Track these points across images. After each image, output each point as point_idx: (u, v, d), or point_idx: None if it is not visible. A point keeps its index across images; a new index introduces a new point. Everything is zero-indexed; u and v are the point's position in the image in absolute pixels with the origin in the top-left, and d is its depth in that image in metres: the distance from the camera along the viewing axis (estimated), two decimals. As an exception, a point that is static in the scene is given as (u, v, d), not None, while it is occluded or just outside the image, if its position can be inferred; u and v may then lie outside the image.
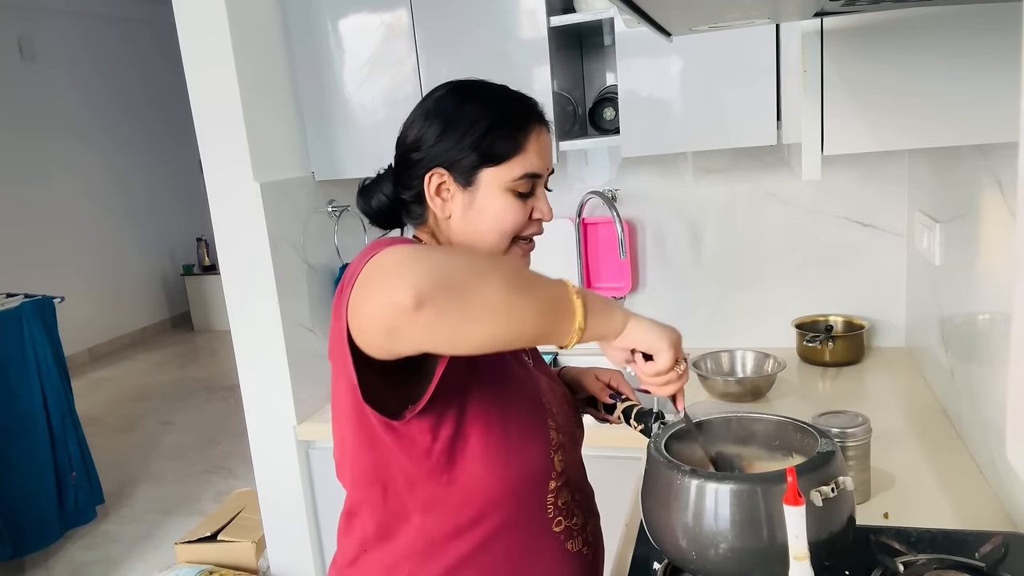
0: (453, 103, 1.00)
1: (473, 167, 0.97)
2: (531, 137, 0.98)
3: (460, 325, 0.74)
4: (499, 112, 0.98)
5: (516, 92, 1.03)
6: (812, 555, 0.75)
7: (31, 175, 5.58)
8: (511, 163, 0.97)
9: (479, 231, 0.99)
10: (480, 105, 0.99)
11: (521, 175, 0.97)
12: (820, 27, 1.06)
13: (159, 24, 5.59)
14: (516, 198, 0.98)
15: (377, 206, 1.04)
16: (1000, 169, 1.23)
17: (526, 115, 0.99)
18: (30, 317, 2.99)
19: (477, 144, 0.96)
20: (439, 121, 0.98)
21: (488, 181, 0.97)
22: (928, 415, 1.60)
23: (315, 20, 2.03)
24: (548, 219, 1.02)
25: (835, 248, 2.01)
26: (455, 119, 0.98)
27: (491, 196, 0.98)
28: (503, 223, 0.98)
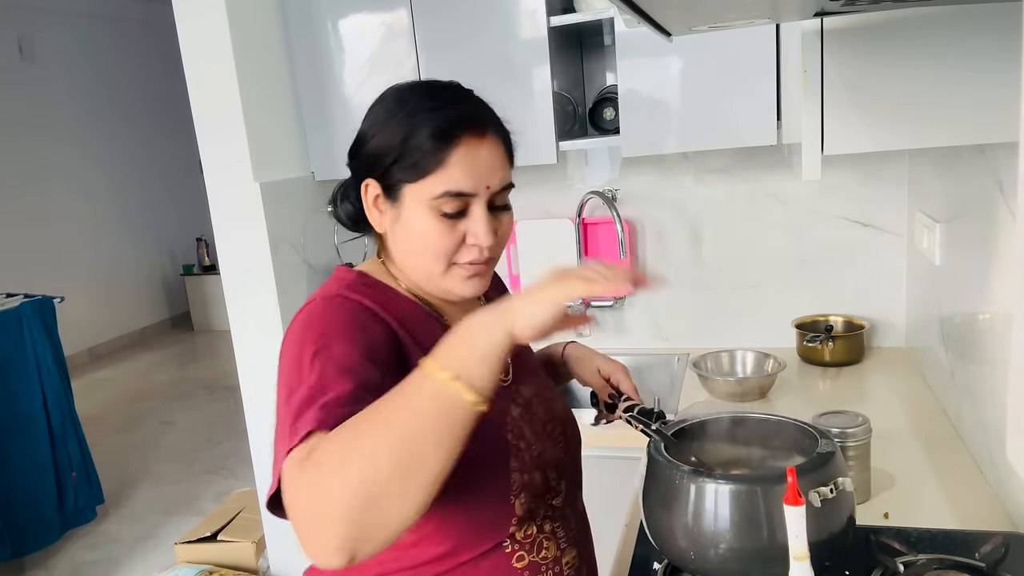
0: (385, 108, 0.91)
1: (394, 180, 0.89)
2: (458, 150, 0.86)
3: (391, 523, 0.66)
4: (422, 120, 0.87)
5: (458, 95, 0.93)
6: (812, 555, 0.75)
7: (31, 175, 5.58)
8: (430, 179, 0.87)
9: (409, 252, 0.92)
10: (408, 111, 0.89)
11: (442, 193, 0.86)
12: (820, 27, 1.06)
13: (159, 24, 5.59)
14: (441, 219, 0.87)
15: (346, 214, 1.00)
16: (1000, 169, 1.23)
17: (455, 124, 0.87)
18: (30, 317, 2.99)
19: (396, 155, 0.88)
20: (372, 127, 0.92)
21: (411, 197, 0.88)
22: (928, 415, 1.60)
23: (315, 20, 2.03)
24: (485, 243, 0.89)
25: (835, 248, 2.01)
26: (384, 125, 0.90)
27: (415, 214, 0.89)
28: (430, 246, 0.89)
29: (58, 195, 5.76)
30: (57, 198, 5.75)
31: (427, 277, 0.93)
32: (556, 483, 0.99)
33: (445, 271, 0.91)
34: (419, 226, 0.89)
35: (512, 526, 0.92)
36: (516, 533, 0.92)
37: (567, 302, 0.72)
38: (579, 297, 0.74)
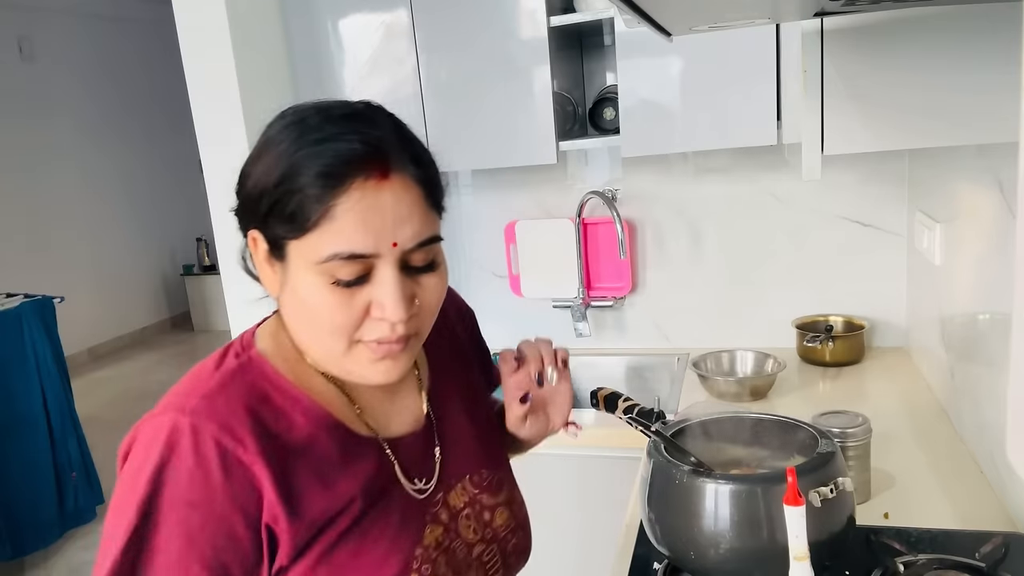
0: (270, 135, 0.70)
1: (277, 235, 0.68)
2: (348, 196, 0.65)
3: None
4: (305, 156, 0.66)
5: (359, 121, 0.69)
6: (812, 555, 0.75)
7: (31, 175, 5.58)
8: (315, 235, 0.66)
9: (301, 325, 0.73)
10: (292, 141, 0.67)
11: (330, 255, 0.65)
12: (820, 27, 1.06)
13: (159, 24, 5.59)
14: (333, 288, 0.67)
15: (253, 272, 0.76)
16: (1000, 169, 1.23)
17: (345, 161, 0.65)
18: (30, 317, 2.99)
19: (272, 201, 0.67)
20: (252, 159, 0.71)
21: (295, 258, 0.68)
22: (928, 415, 1.60)
23: (315, 20, 2.03)
24: (394, 317, 0.68)
25: (835, 248, 2.01)
26: (262, 159, 0.69)
27: (303, 279, 0.68)
28: (317, 323, 0.69)
29: (58, 195, 5.76)
30: (57, 198, 5.75)
31: (327, 356, 0.73)
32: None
33: (347, 350, 0.71)
34: (308, 295, 0.68)
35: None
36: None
37: None
38: None
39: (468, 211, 2.32)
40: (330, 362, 0.74)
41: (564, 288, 2.22)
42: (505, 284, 2.30)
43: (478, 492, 0.84)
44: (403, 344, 0.71)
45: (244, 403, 0.70)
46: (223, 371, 0.72)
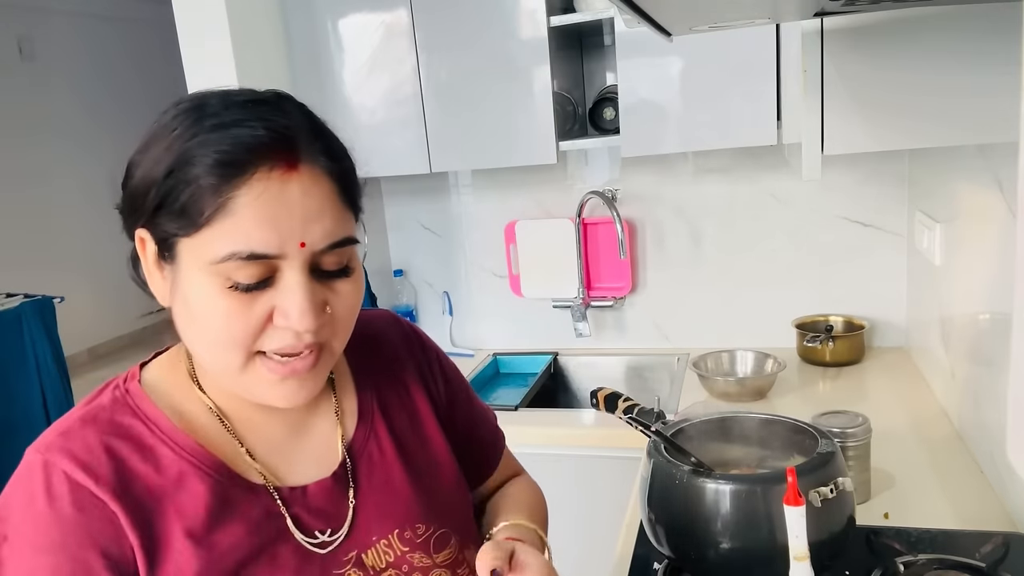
0: (164, 122, 0.62)
1: (166, 232, 0.61)
2: (249, 189, 0.58)
3: None
4: (201, 143, 0.59)
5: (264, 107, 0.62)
6: (812, 555, 0.75)
7: (31, 175, 5.58)
8: (208, 232, 0.58)
9: (192, 335, 0.64)
10: (187, 127, 0.60)
11: (226, 255, 0.58)
12: (820, 27, 1.06)
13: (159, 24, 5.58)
14: (230, 292, 0.59)
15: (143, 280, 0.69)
16: (1000, 169, 1.23)
17: (247, 148, 0.58)
18: (30, 317, 2.99)
19: (162, 194, 0.60)
20: (144, 145, 0.63)
21: (186, 258, 0.60)
22: (928, 415, 1.60)
23: (315, 20, 2.03)
24: (301, 326, 0.61)
25: (835, 248, 2.01)
26: (151, 148, 0.62)
27: (195, 282, 0.60)
28: (209, 331, 0.61)
29: (58, 195, 5.76)
30: (57, 198, 5.75)
31: (225, 373, 0.64)
32: None
33: (243, 367, 0.63)
34: (200, 300, 0.60)
35: None
36: None
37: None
38: None
39: (468, 211, 2.32)
40: (230, 381, 0.65)
41: (564, 288, 2.22)
42: (505, 284, 2.30)
43: (409, 551, 0.72)
44: (312, 360, 0.63)
45: (104, 440, 0.64)
46: (92, 406, 0.67)
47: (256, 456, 0.69)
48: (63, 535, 0.60)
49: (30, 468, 0.62)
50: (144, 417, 0.66)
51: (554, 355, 2.26)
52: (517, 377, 2.27)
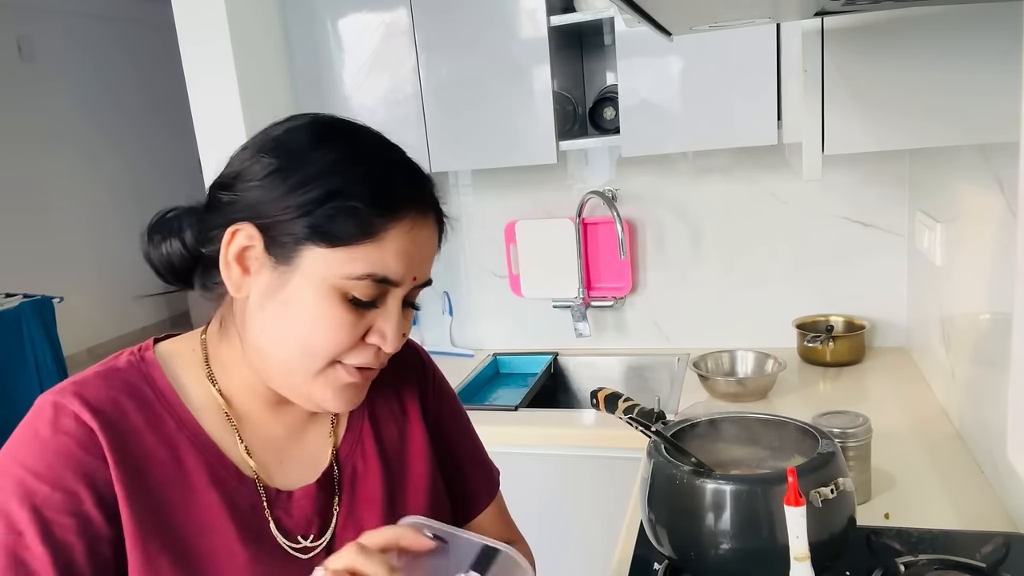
0: (307, 139, 0.69)
1: (296, 238, 0.66)
2: (398, 227, 0.66)
3: None
4: (364, 173, 0.66)
5: (406, 158, 0.71)
6: (812, 555, 0.75)
7: (31, 175, 5.58)
8: (351, 251, 0.65)
9: (280, 334, 0.68)
10: (342, 153, 0.67)
11: (363, 274, 0.66)
12: (820, 27, 1.06)
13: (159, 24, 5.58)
14: (345, 305, 0.66)
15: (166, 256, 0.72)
16: (1000, 169, 1.23)
17: (403, 194, 0.67)
18: (29, 317, 2.99)
19: (310, 206, 0.65)
20: (276, 155, 0.67)
21: (311, 266, 0.66)
22: (928, 415, 1.60)
23: (315, 20, 2.03)
24: (391, 348, 0.69)
25: (835, 248, 2.01)
26: (298, 160, 0.67)
27: (310, 290, 0.66)
28: (312, 336, 0.67)
29: (58, 195, 5.76)
30: (57, 198, 5.75)
31: (285, 375, 0.70)
32: None
33: (320, 372, 0.69)
34: (312, 307, 0.66)
35: None
36: None
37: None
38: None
39: (468, 211, 2.32)
40: (287, 382, 0.70)
41: (564, 288, 2.22)
42: (505, 284, 2.30)
43: None
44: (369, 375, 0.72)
45: (114, 395, 0.69)
46: (107, 366, 0.72)
47: (251, 452, 0.73)
48: (62, 466, 0.64)
49: (40, 408, 0.69)
50: (153, 385, 0.71)
51: (554, 355, 2.26)
52: (517, 377, 2.27)
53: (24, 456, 0.66)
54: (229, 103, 1.98)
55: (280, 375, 0.70)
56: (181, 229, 0.73)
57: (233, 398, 0.74)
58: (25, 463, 0.65)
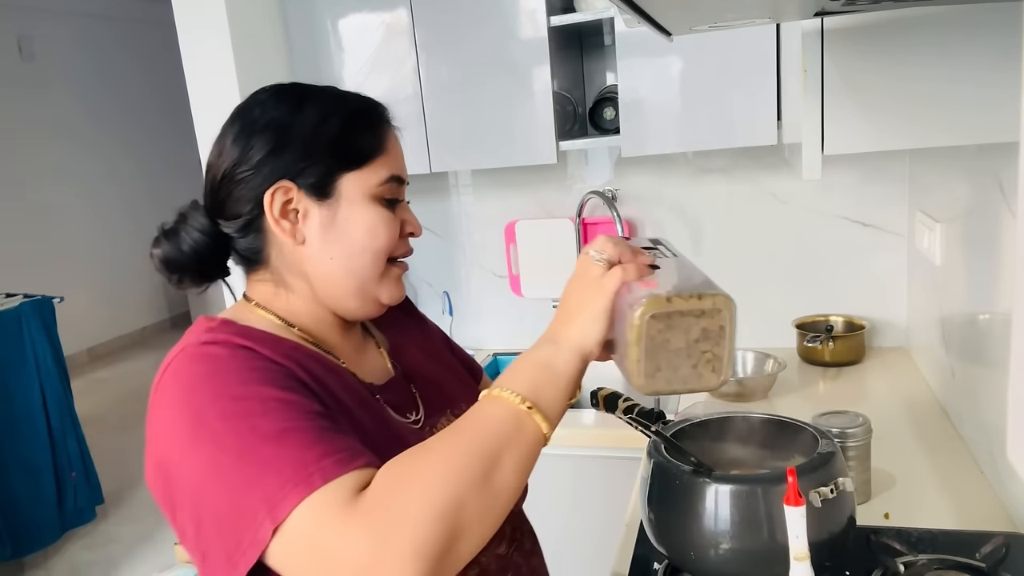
0: (286, 107, 0.82)
1: (329, 173, 0.80)
2: (390, 136, 0.85)
3: (461, 562, 0.62)
4: (351, 107, 0.83)
5: (358, 93, 0.88)
6: (812, 555, 0.75)
7: (31, 175, 5.58)
8: (375, 165, 0.82)
9: (347, 254, 0.82)
10: (324, 102, 0.83)
11: (388, 177, 0.82)
12: (820, 27, 1.06)
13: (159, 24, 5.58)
14: (383, 206, 0.82)
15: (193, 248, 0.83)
16: (1000, 169, 1.23)
17: (379, 112, 0.85)
18: (29, 317, 2.99)
19: (332, 144, 0.80)
20: (271, 129, 0.80)
21: (350, 189, 0.81)
22: (928, 415, 1.60)
23: (315, 20, 2.03)
24: (418, 233, 0.88)
25: (835, 248, 2.01)
26: (294, 122, 0.80)
27: (357, 207, 0.81)
28: (376, 238, 0.82)
29: (58, 195, 5.76)
30: (57, 198, 5.75)
31: (358, 287, 0.83)
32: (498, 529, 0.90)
33: (383, 273, 0.84)
34: (364, 218, 0.81)
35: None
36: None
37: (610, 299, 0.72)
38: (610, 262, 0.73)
39: (468, 211, 2.32)
40: (359, 292, 0.83)
41: (564, 288, 2.22)
42: (505, 284, 2.30)
43: None
44: (407, 268, 0.89)
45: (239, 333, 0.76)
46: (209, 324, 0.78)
47: (347, 365, 0.86)
48: (261, 365, 0.72)
49: (192, 356, 0.72)
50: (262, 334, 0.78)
51: (554, 355, 2.26)
52: (517, 377, 2.27)
53: (222, 381, 0.70)
54: (229, 103, 1.97)
55: (352, 289, 0.83)
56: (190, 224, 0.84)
57: (310, 333, 0.85)
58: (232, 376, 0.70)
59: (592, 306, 0.73)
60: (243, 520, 0.63)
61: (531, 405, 0.68)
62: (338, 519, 0.60)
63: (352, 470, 0.64)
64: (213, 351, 0.73)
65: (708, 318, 0.75)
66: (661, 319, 0.72)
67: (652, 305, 0.71)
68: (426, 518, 0.60)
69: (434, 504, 0.60)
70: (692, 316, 0.74)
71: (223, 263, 0.86)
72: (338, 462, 0.64)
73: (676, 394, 0.82)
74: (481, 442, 0.65)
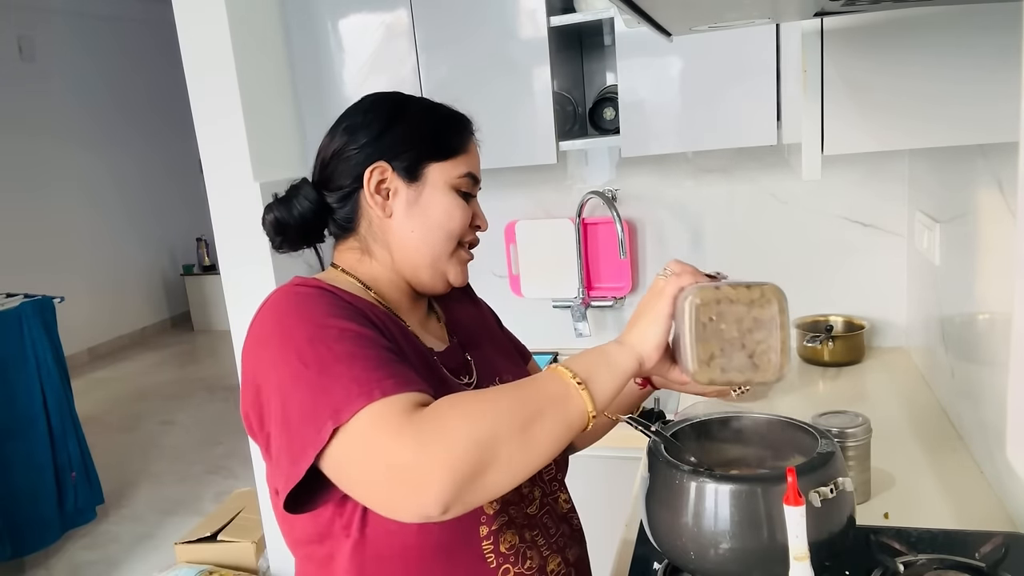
0: (392, 104, 0.98)
1: (419, 160, 0.95)
2: (471, 141, 0.99)
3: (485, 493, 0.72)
4: (444, 112, 0.99)
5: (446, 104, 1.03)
6: (812, 555, 0.75)
7: (31, 175, 5.58)
8: (457, 160, 0.96)
9: (425, 229, 0.95)
10: (423, 105, 1.00)
11: (465, 173, 0.97)
12: (820, 27, 1.06)
13: (159, 24, 5.58)
14: (460, 197, 0.96)
15: (301, 213, 0.96)
16: (1000, 169, 1.23)
17: (466, 121, 1.00)
18: (30, 317, 2.99)
19: (425, 136, 0.95)
20: (379, 118, 0.96)
21: (434, 176, 0.95)
22: (928, 415, 1.60)
23: (315, 20, 2.03)
24: (485, 228, 1.01)
25: (835, 248, 2.01)
26: (398, 115, 0.96)
27: (438, 192, 0.95)
28: (451, 220, 0.95)
29: (58, 195, 5.76)
30: (57, 198, 5.75)
31: (431, 261, 0.96)
32: (528, 491, 0.98)
33: (452, 253, 0.97)
34: (443, 203, 0.95)
35: (483, 525, 0.90)
36: (500, 545, 0.91)
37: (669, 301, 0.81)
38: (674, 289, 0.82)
39: (468, 211, 2.32)
40: (432, 266, 0.96)
41: (564, 288, 2.22)
42: (505, 284, 2.30)
43: None
44: (472, 257, 1.00)
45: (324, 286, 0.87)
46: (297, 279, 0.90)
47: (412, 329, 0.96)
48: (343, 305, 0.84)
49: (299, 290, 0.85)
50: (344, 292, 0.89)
51: (554, 355, 2.26)
52: (517, 377, 2.27)
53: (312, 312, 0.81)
54: (229, 103, 1.98)
55: (427, 260, 0.96)
56: (302, 193, 0.96)
57: (385, 297, 0.96)
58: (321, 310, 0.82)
59: (652, 311, 0.83)
60: (313, 424, 0.73)
61: (581, 382, 0.76)
62: (391, 425, 0.71)
63: (409, 391, 0.74)
64: (303, 291, 0.85)
65: (759, 307, 0.78)
66: (711, 305, 0.77)
67: (701, 292, 0.77)
68: (466, 439, 0.69)
69: (474, 431, 0.70)
70: (742, 304, 0.78)
71: (321, 230, 0.99)
72: (398, 384, 0.74)
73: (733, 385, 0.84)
74: (529, 399, 0.75)
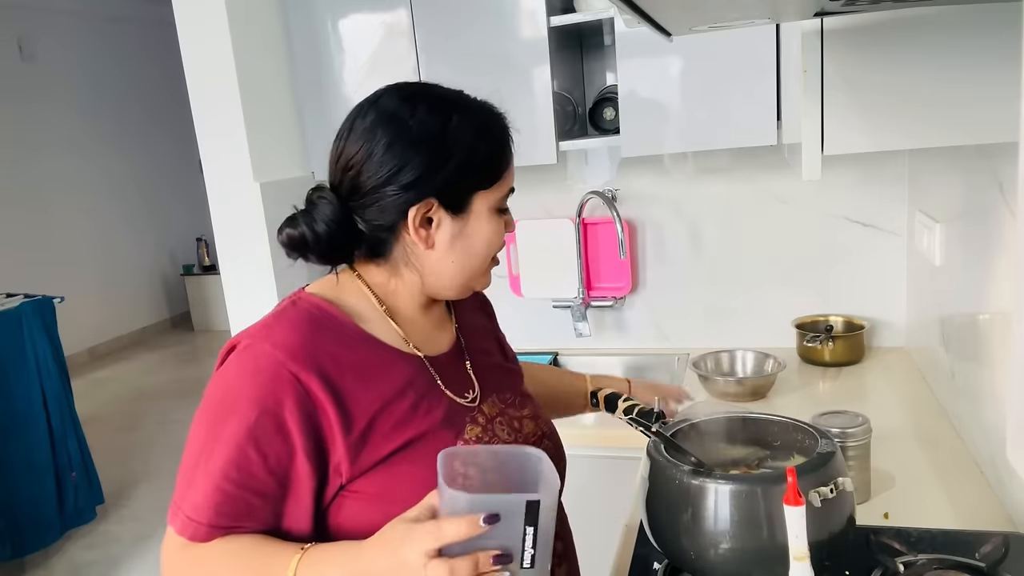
0: (437, 124, 0.88)
1: (467, 192, 0.90)
2: (512, 149, 0.95)
3: None
4: (491, 130, 0.92)
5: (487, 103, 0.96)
6: (812, 555, 0.75)
7: (31, 175, 5.58)
8: (502, 182, 0.93)
9: (467, 258, 0.92)
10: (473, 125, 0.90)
11: (508, 191, 0.94)
12: (820, 27, 1.06)
13: (159, 24, 5.59)
14: (499, 217, 0.94)
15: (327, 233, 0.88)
16: (1000, 169, 1.24)
17: (508, 128, 0.95)
18: (30, 317, 2.99)
19: (476, 168, 0.90)
20: (425, 146, 0.86)
21: (480, 205, 0.91)
22: (928, 415, 1.60)
23: (315, 20, 2.03)
24: (512, 229, 0.99)
25: (835, 248, 2.01)
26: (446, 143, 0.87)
27: (482, 221, 0.92)
28: (491, 247, 0.94)
29: (58, 195, 5.76)
30: (57, 198, 5.75)
31: (463, 281, 0.94)
32: None
33: (489, 267, 0.96)
34: (486, 230, 0.92)
35: None
36: None
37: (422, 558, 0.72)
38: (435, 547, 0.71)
39: (468, 211, 2.31)
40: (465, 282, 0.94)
41: (564, 288, 2.22)
42: (505, 284, 2.30)
43: (505, 406, 1.00)
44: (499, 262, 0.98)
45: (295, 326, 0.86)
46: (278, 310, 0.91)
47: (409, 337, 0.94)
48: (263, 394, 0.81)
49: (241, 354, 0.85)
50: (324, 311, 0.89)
51: (554, 355, 2.26)
52: (517, 377, 2.27)
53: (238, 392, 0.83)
54: (229, 103, 1.98)
55: (459, 282, 0.94)
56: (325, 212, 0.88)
57: (399, 309, 0.94)
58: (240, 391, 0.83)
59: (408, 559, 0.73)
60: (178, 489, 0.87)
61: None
62: (169, 550, 0.85)
63: (194, 539, 0.82)
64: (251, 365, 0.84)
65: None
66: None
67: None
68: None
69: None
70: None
71: (350, 251, 0.92)
72: (199, 527, 0.82)
73: None
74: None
